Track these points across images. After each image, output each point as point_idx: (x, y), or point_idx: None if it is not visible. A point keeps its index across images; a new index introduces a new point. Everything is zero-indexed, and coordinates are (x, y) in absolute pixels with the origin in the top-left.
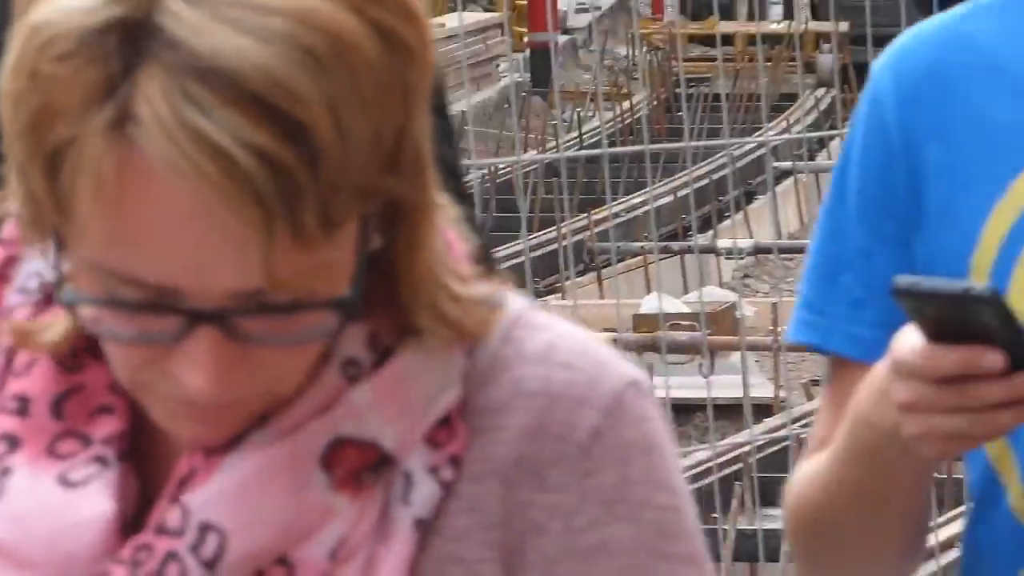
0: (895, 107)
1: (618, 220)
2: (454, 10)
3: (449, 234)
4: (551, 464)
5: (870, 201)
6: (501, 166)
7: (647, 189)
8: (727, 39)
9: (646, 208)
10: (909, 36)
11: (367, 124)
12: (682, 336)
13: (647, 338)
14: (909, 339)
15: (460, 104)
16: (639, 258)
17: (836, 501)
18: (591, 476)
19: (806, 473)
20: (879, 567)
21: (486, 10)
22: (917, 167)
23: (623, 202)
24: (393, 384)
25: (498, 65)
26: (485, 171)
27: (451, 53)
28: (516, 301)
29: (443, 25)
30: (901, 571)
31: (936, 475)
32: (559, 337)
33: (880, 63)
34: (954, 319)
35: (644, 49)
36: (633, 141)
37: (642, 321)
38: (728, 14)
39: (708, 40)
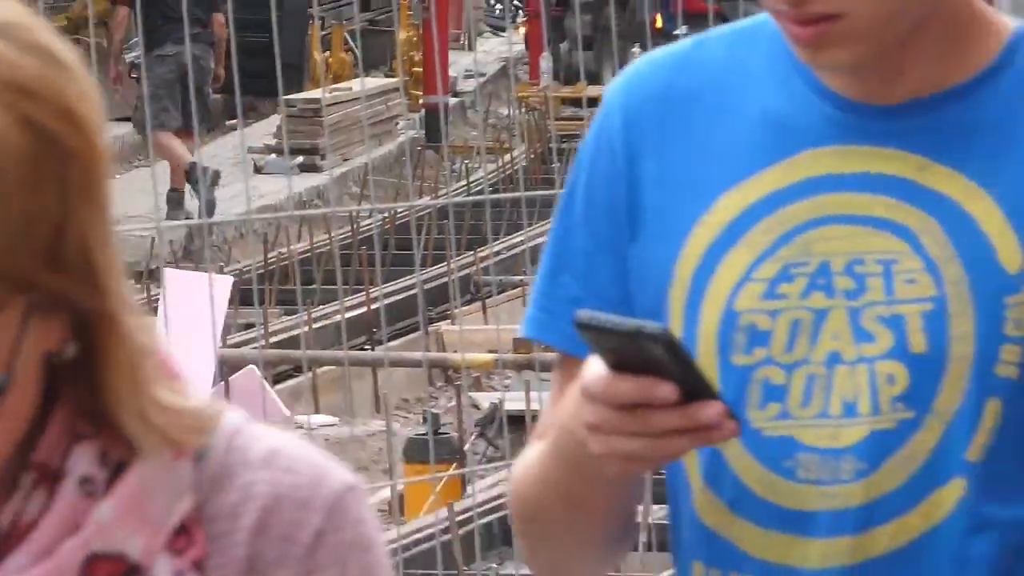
0: (621, 125)
1: (500, 257)
2: (359, 76)
3: (162, 352)
4: (276, 564)
5: (594, 208)
6: (399, 210)
7: (524, 230)
8: (593, 101)
9: (524, 247)
10: (643, 61)
11: (11, 213)
12: (554, 356)
13: (524, 358)
14: (596, 365)
15: (363, 157)
16: (519, 289)
17: (545, 494)
18: (312, 575)
19: (528, 459)
20: (584, 557)
21: (387, 76)
22: (636, 181)
23: (504, 242)
24: (131, 498)
25: (397, 123)
26: (385, 215)
27: (356, 113)
28: (233, 415)
29: (350, 88)
30: (605, 562)
31: None
32: (279, 444)
33: (614, 84)
34: (631, 353)
35: (522, 110)
36: (512, 189)
37: (520, 344)
38: (595, 80)
39: (577, 102)
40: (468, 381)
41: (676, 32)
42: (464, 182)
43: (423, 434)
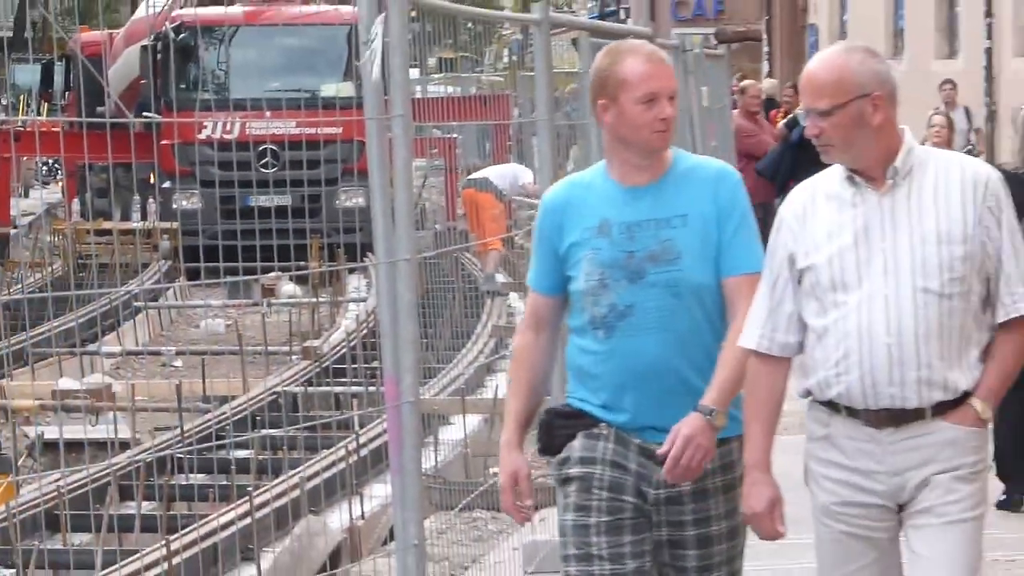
0: None
1: (44, 335)
2: None
3: None
4: None
5: None
6: None
7: (54, 319)
8: (106, 232)
9: (53, 331)
10: None
11: None
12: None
13: (60, 403)
14: None
15: None
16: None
17: None
18: None
19: None
20: None
21: None
22: None
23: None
24: None
25: None
26: None
27: None
28: None
29: None
30: None
31: None
32: None
33: None
34: None
35: (59, 237)
36: (56, 289)
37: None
38: (108, 217)
39: (98, 232)
40: (19, 418)
41: None
42: (19, 285)
43: None
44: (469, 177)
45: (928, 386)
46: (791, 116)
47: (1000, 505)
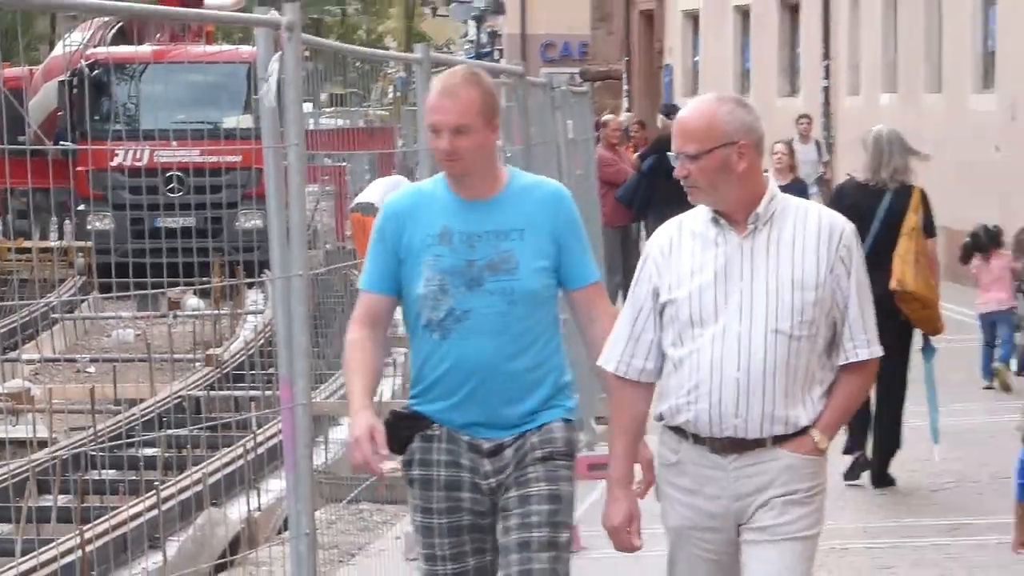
0: None
1: None
2: None
3: None
4: None
5: None
6: None
7: None
8: (26, 250)
9: None
10: None
11: None
12: None
13: None
14: None
15: None
16: None
17: None
18: None
19: None
20: None
21: None
22: None
23: None
24: None
25: None
26: None
27: None
28: None
29: None
30: None
31: None
32: None
33: None
34: None
35: None
36: None
37: None
38: (28, 236)
39: (20, 250)
40: None
41: None
42: None
43: None
44: (356, 201)
45: (771, 420)
46: (648, 147)
47: (847, 475)
